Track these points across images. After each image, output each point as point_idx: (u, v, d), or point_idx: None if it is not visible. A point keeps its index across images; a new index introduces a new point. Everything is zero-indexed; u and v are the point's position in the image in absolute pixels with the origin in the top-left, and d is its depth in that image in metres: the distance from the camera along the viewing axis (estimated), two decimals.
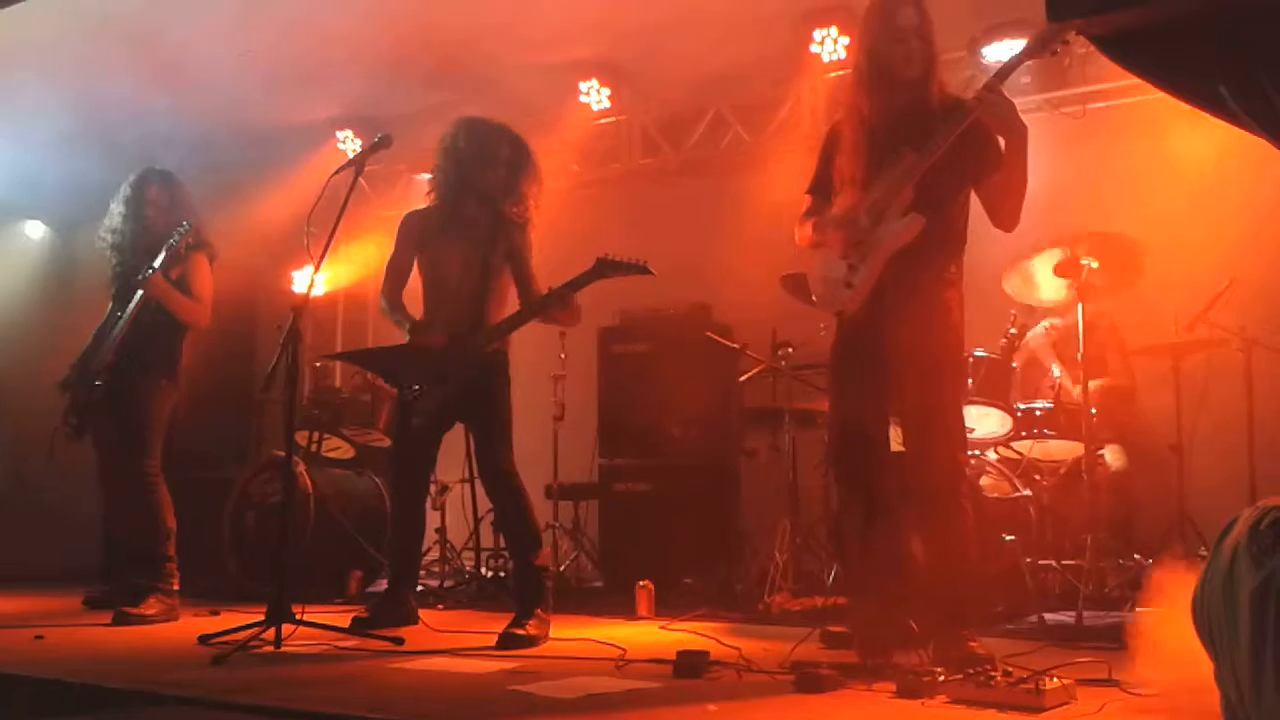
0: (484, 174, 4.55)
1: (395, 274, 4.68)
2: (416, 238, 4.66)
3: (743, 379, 5.97)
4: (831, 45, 6.37)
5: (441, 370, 4.37)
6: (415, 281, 4.69)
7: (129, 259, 5.18)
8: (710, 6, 6.07)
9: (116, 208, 5.28)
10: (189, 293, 5.10)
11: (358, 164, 4.46)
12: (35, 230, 9.41)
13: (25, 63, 6.50)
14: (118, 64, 6.55)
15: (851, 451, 3.62)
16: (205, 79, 6.75)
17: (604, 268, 4.28)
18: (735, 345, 6.02)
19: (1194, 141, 5.29)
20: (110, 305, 5.26)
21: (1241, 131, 1.71)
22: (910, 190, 3.46)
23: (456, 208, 4.59)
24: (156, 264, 4.95)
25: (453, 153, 4.59)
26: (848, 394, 3.67)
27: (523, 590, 4.32)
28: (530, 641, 4.00)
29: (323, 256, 4.27)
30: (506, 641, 3.97)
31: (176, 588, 4.96)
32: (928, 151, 3.41)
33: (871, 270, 3.51)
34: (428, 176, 4.77)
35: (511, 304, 4.57)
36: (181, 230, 4.94)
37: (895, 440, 3.68)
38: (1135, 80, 1.93)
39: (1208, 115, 1.75)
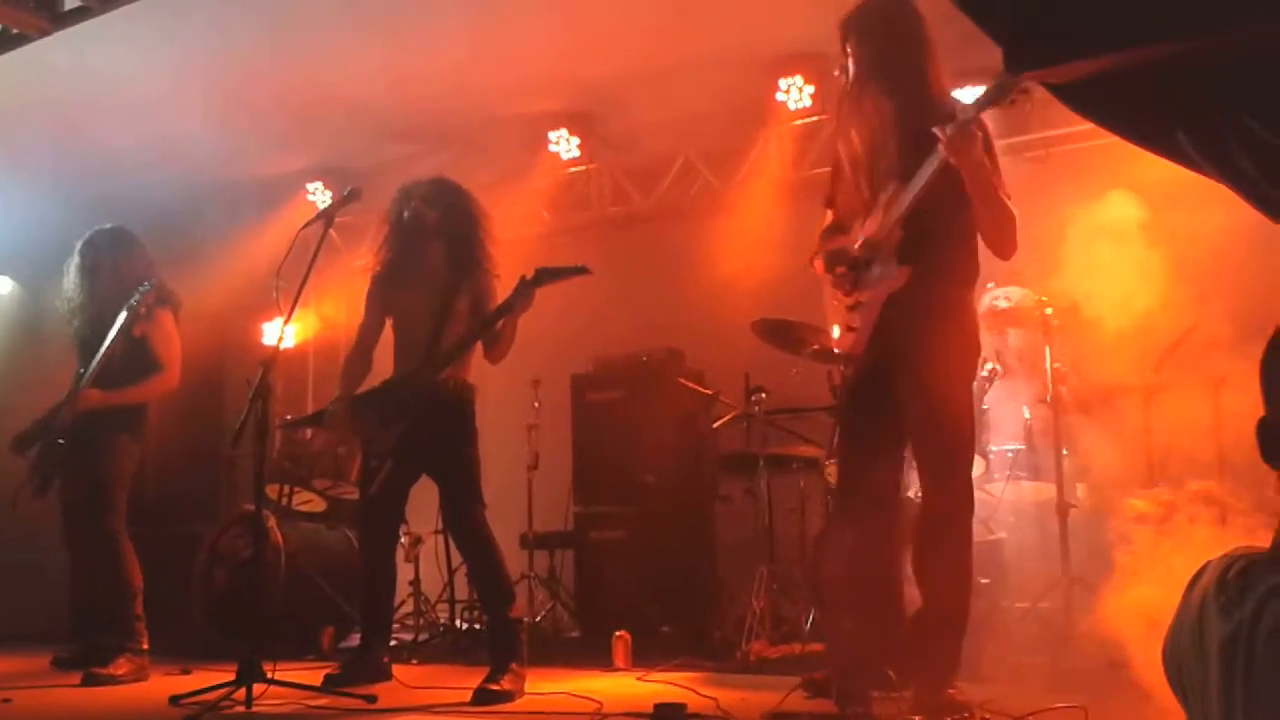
0: (423, 246, 4.62)
1: (360, 338, 4.75)
2: (381, 297, 4.69)
3: (716, 425, 5.97)
4: (797, 94, 6.46)
5: (390, 410, 4.38)
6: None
7: (89, 321, 5.14)
8: (677, 57, 6.14)
9: (70, 273, 5.24)
10: (151, 356, 5.04)
11: (327, 217, 4.47)
12: (2, 286, 9.34)
13: None
14: (86, 118, 6.56)
15: (851, 492, 3.63)
16: (174, 132, 6.77)
17: (543, 275, 4.29)
18: (708, 391, 6.03)
19: (1159, 183, 5.36)
20: (77, 366, 5.21)
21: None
22: (899, 227, 3.44)
23: (409, 255, 4.63)
24: (87, 372, 4.91)
25: (395, 224, 4.68)
26: (853, 435, 3.71)
27: (496, 644, 4.27)
28: (505, 697, 3.96)
29: (293, 309, 4.26)
30: (482, 697, 3.92)
31: (146, 646, 4.88)
32: (909, 189, 3.39)
33: (869, 314, 3.51)
34: None
35: (476, 352, 4.56)
36: (140, 292, 4.88)
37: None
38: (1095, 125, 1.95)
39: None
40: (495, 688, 3.97)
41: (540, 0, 5.73)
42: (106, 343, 4.90)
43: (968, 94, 5.93)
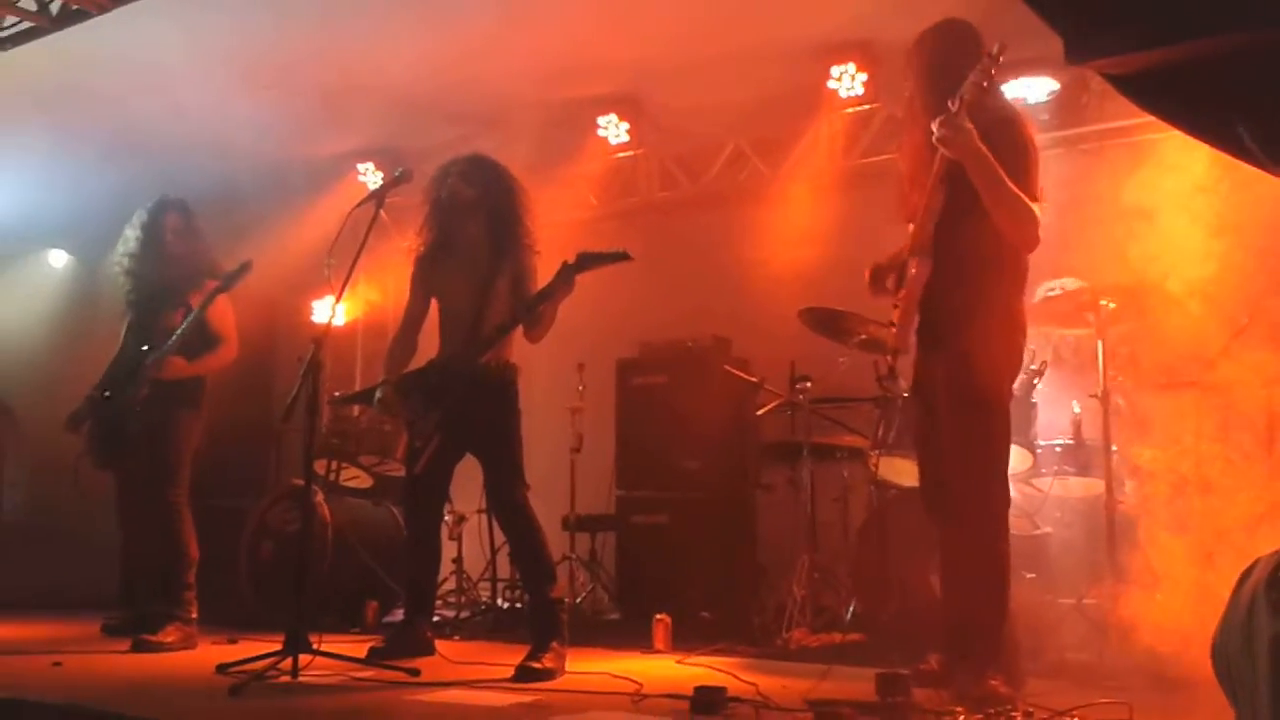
0: (463, 224, 4.63)
1: (405, 320, 4.78)
2: (425, 277, 4.72)
3: (760, 412, 5.96)
4: (849, 81, 6.40)
5: (432, 392, 4.42)
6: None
7: (145, 287, 5.22)
8: (728, 42, 6.12)
9: (133, 234, 5.30)
10: (209, 330, 5.14)
11: (378, 198, 4.51)
12: (58, 259, 9.50)
13: (52, 93, 6.60)
14: (139, 95, 6.65)
15: (924, 489, 3.73)
16: (226, 111, 6.84)
17: (585, 260, 4.29)
18: (753, 379, 6.02)
19: (1212, 177, 5.29)
20: (124, 333, 5.30)
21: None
22: (931, 225, 3.57)
23: (450, 234, 4.65)
24: (155, 347, 5.01)
25: (435, 203, 4.69)
26: (921, 438, 3.80)
27: (538, 623, 4.31)
28: (547, 675, 3.99)
29: (343, 288, 4.30)
30: (523, 675, 3.96)
31: (195, 616, 4.98)
32: (930, 188, 3.55)
33: (907, 310, 3.59)
34: None
35: (518, 332, 4.56)
36: (243, 268, 4.97)
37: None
38: (1154, 118, 1.93)
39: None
40: (537, 665, 4.01)
41: None
42: (187, 320, 4.99)
43: (1025, 85, 5.90)
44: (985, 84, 3.43)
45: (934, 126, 3.45)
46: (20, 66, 6.11)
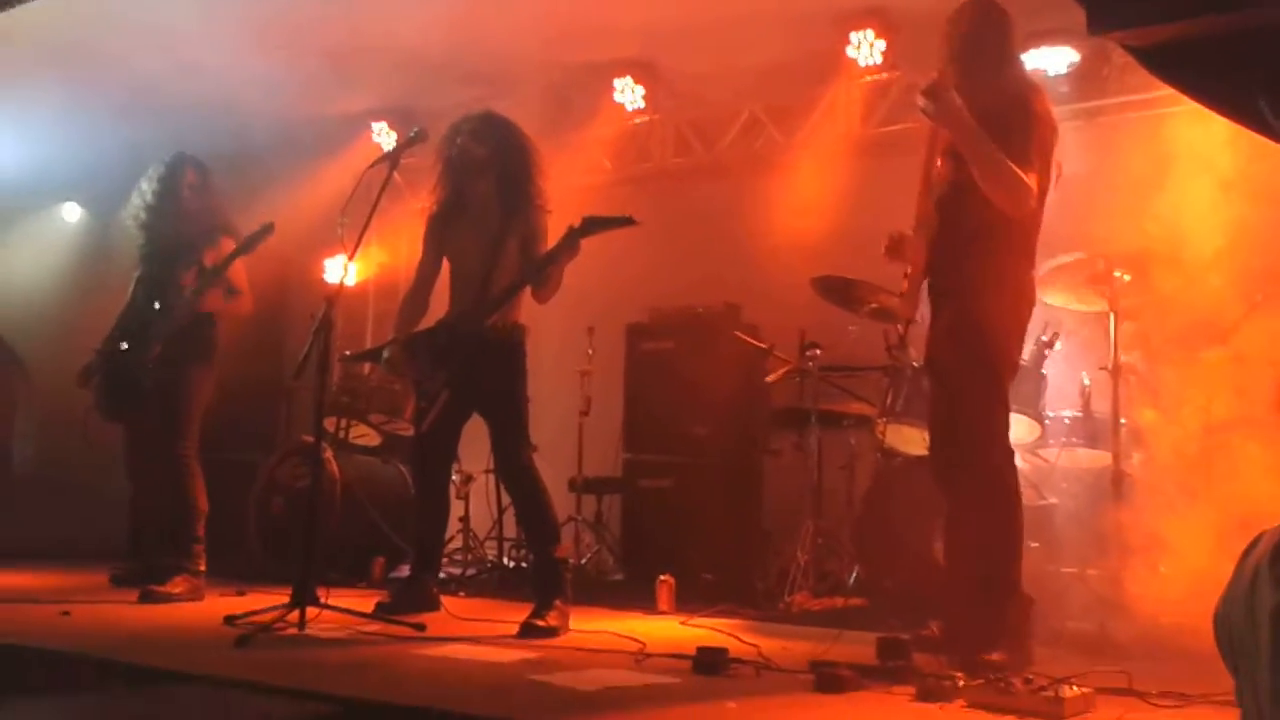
0: (474, 182, 4.62)
1: (417, 279, 4.78)
2: (437, 236, 4.71)
3: (769, 379, 5.96)
4: (868, 49, 6.36)
5: (439, 352, 4.44)
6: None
7: (158, 241, 5.23)
8: (746, 8, 6.08)
9: (149, 187, 5.28)
10: (227, 285, 5.15)
11: (392, 158, 4.51)
12: (71, 213, 9.51)
13: (65, 48, 6.59)
14: (156, 50, 6.63)
15: (932, 459, 3.76)
16: (241, 70, 6.83)
17: (590, 224, 4.26)
18: (763, 345, 6.02)
19: (1231, 150, 5.26)
20: (134, 286, 5.31)
21: None
22: (932, 199, 3.69)
23: (462, 193, 4.64)
24: (186, 301, 5.01)
25: (447, 162, 4.67)
26: (931, 405, 3.83)
27: (541, 582, 4.34)
28: (550, 632, 4.02)
29: (356, 248, 4.31)
30: (527, 631, 4.00)
31: (203, 568, 5.01)
32: (926, 160, 3.70)
33: (913, 280, 3.67)
34: None
35: (527, 292, 4.54)
36: (265, 229, 4.90)
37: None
38: (1173, 91, 1.93)
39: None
40: (541, 623, 4.04)
41: None
42: (204, 280, 4.99)
43: (1045, 56, 5.86)
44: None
45: (918, 97, 3.52)
46: (33, 23, 6.08)
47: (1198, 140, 5.49)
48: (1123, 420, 4.64)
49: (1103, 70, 5.83)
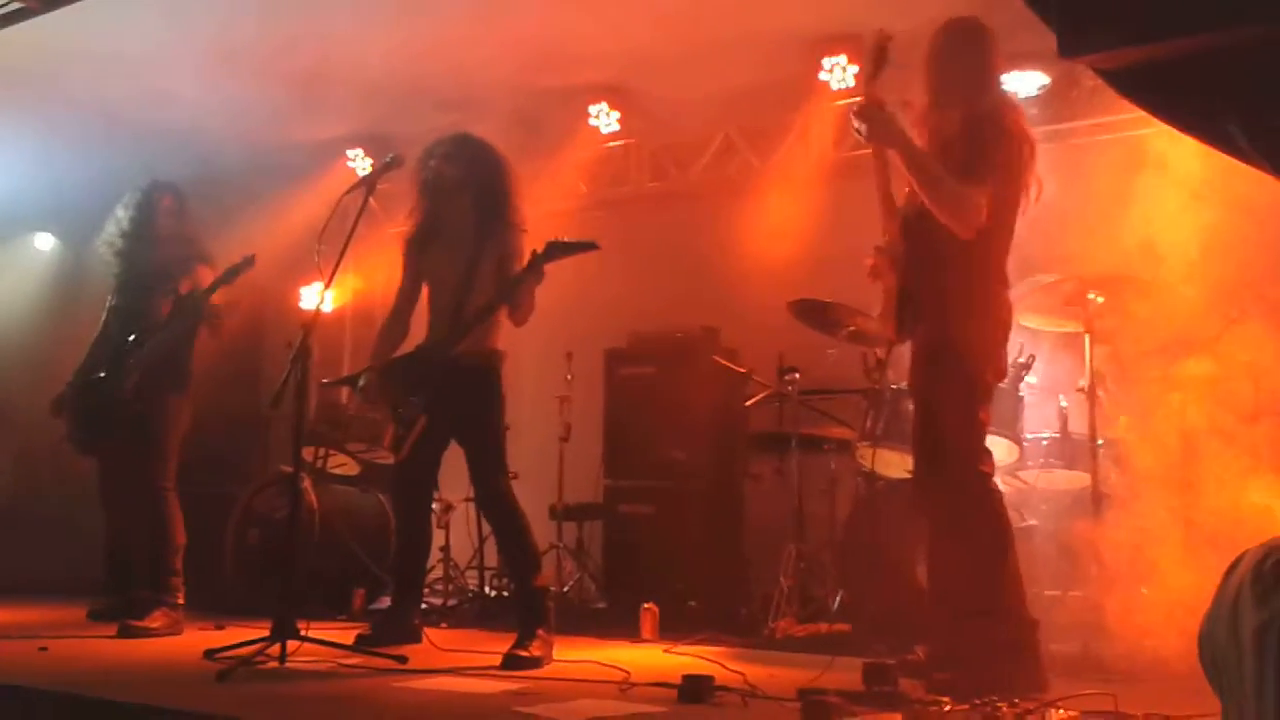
0: (450, 204, 4.61)
1: (396, 304, 4.75)
2: (415, 260, 4.71)
3: (749, 403, 5.97)
4: (840, 73, 6.40)
5: (413, 380, 4.41)
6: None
7: (134, 268, 5.19)
8: (720, 33, 6.11)
9: (125, 213, 5.25)
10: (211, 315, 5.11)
11: (368, 184, 4.50)
12: (45, 242, 9.45)
13: (39, 76, 6.56)
14: (128, 78, 6.61)
15: (915, 483, 3.74)
16: (216, 96, 6.81)
17: (553, 249, 4.22)
18: (742, 369, 6.03)
19: (1202, 172, 5.31)
20: (106, 316, 5.26)
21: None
22: (895, 220, 3.69)
23: (438, 216, 4.63)
24: (163, 337, 5.01)
25: (422, 185, 4.66)
26: (914, 428, 3.78)
27: (523, 611, 4.31)
28: (534, 663, 4.00)
29: (333, 274, 4.29)
30: (510, 663, 3.97)
31: (182, 602, 4.97)
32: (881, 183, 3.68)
33: (887, 300, 3.65)
34: None
35: (505, 318, 4.53)
36: (246, 262, 4.88)
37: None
38: (1143, 113, 1.94)
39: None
40: (524, 654, 4.01)
41: None
42: (180, 317, 5.00)
43: (1016, 79, 5.90)
44: (872, 74, 3.54)
45: (851, 117, 3.53)
46: (2, 46, 6.05)
47: (1168, 160, 5.55)
48: (1100, 441, 4.66)
49: (1072, 93, 5.87)
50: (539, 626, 4.19)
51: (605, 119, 7.18)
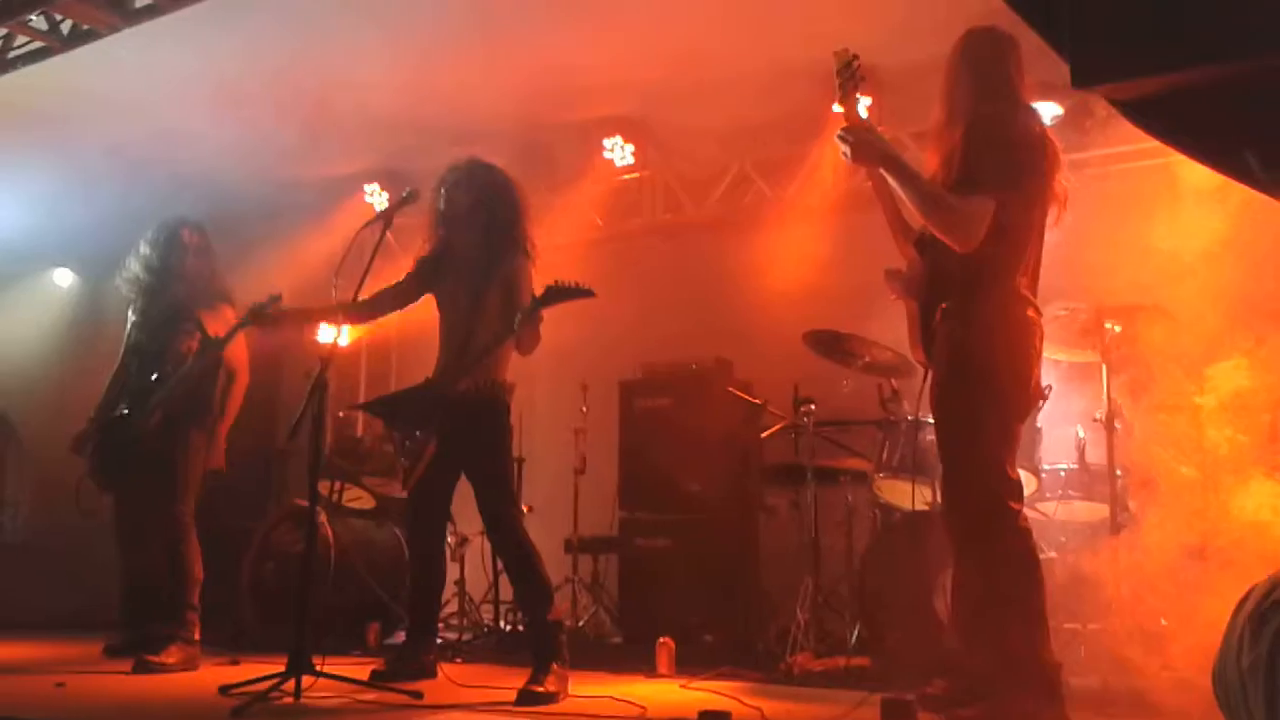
0: (461, 231, 4.62)
1: (383, 289, 4.69)
2: (424, 276, 4.71)
3: (764, 435, 5.96)
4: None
5: (422, 412, 4.41)
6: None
7: (156, 305, 5.22)
8: (733, 66, 6.15)
9: (148, 249, 5.28)
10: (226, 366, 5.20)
11: (386, 218, 4.52)
12: (64, 278, 9.53)
13: (59, 112, 6.64)
14: (147, 116, 6.69)
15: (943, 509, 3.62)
16: (234, 132, 6.88)
17: (550, 295, 4.17)
18: (757, 401, 6.02)
19: (1217, 200, 5.30)
20: (125, 353, 5.29)
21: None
22: (906, 243, 3.67)
23: (451, 244, 4.65)
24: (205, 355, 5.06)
25: (435, 214, 4.68)
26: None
27: (537, 646, 4.27)
28: (549, 698, 3.96)
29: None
30: (525, 698, 3.93)
31: (198, 637, 4.96)
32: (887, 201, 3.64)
33: (911, 323, 3.58)
34: None
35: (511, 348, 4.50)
36: (272, 300, 4.82)
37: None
38: (1157, 143, 1.94)
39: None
40: (539, 689, 3.98)
41: (597, 7, 5.76)
42: (200, 357, 5.05)
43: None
44: (845, 94, 3.51)
45: (836, 139, 3.44)
46: (23, 87, 6.13)
47: (1183, 191, 5.54)
48: (1118, 472, 4.63)
49: (1086, 123, 5.88)
50: (553, 661, 4.15)
51: (620, 152, 7.22)
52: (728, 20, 5.82)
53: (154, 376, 5.09)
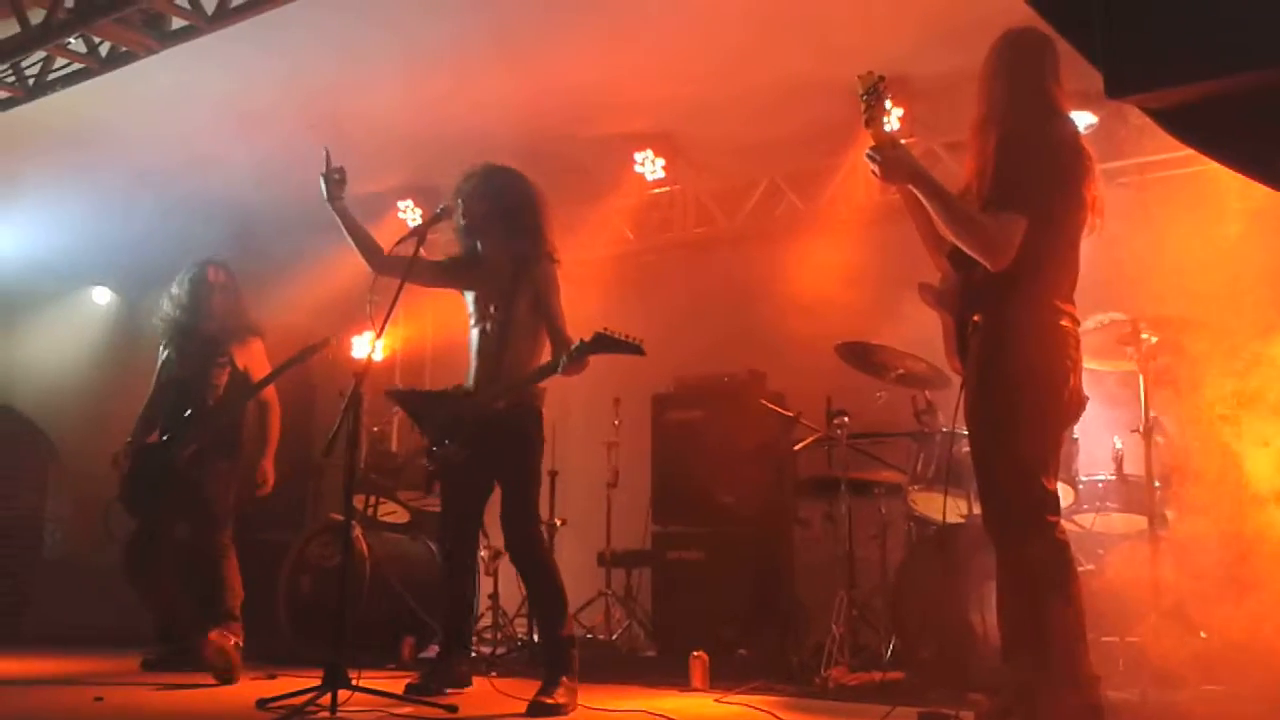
0: (484, 238, 4.62)
1: (423, 259, 4.58)
2: (449, 267, 4.72)
3: (797, 447, 5.93)
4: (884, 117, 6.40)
5: (453, 422, 4.42)
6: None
7: (189, 342, 5.40)
8: (762, 79, 6.15)
9: (180, 290, 5.50)
10: (252, 384, 5.37)
11: (419, 234, 4.54)
12: (102, 296, 9.64)
13: (97, 133, 6.73)
14: (185, 135, 6.77)
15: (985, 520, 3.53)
16: (271, 150, 6.94)
17: (599, 343, 4.12)
18: (790, 413, 6.00)
19: (1251, 208, 5.24)
20: (163, 381, 5.45)
21: None
22: (938, 253, 3.60)
23: (474, 252, 4.65)
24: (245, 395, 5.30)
25: (457, 222, 4.67)
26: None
27: (549, 658, 4.28)
28: (559, 710, 3.97)
29: (384, 324, 4.34)
30: (535, 710, 3.95)
31: (241, 645, 5.04)
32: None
33: (946, 333, 3.53)
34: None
35: (545, 348, 4.50)
36: (322, 343, 5.11)
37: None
38: (1192, 151, 1.92)
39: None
40: (549, 700, 3.98)
41: (627, 23, 5.78)
42: (241, 396, 5.28)
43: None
44: (872, 116, 3.44)
45: (865, 158, 3.40)
46: (63, 109, 6.23)
47: (1218, 200, 5.48)
48: (1157, 483, 4.58)
49: (1120, 132, 5.84)
50: (563, 674, 4.14)
51: (651, 166, 7.24)
52: (755, 35, 5.82)
53: (188, 413, 5.25)
